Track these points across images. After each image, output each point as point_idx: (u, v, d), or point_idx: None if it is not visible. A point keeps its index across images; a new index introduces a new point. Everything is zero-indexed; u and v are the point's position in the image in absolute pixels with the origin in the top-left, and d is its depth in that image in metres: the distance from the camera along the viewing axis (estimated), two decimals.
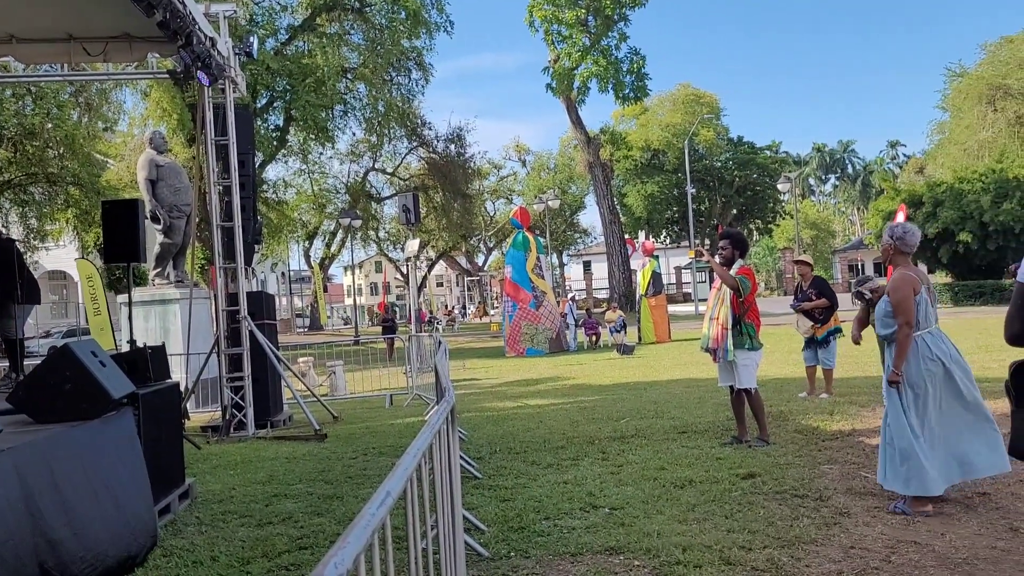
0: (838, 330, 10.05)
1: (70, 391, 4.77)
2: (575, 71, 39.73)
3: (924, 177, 41.19)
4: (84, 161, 24.11)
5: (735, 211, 57.94)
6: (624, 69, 39.35)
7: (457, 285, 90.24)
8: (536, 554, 4.50)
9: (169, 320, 12.98)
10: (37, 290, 9.62)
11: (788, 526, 4.75)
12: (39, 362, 5.69)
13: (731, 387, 7.30)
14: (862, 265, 64.13)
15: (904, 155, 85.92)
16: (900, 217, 13.30)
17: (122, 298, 12.16)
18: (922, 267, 34.46)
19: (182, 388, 8.38)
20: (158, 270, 13.57)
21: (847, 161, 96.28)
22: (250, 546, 4.94)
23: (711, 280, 7.73)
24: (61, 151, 23.75)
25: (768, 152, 58.79)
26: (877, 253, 49.65)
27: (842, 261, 65.94)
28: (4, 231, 20.35)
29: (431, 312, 47.32)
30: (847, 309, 11.36)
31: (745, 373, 7.09)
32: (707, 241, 54.97)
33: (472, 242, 61.70)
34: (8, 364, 9.82)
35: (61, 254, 30.14)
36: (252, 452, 8.52)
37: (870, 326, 6.00)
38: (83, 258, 22.01)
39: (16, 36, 8.93)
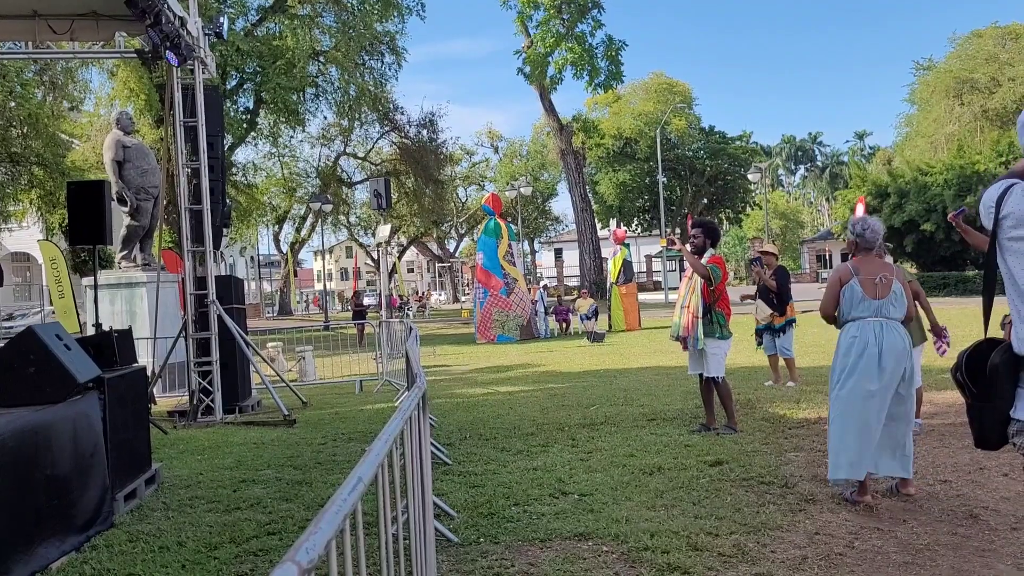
0: (792, 320, 10.21)
1: (34, 374, 4.70)
2: (549, 57, 39.67)
3: (891, 168, 41.70)
4: (48, 141, 23.63)
5: (706, 200, 58.31)
6: (599, 55, 39.36)
7: (428, 271, 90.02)
8: (505, 540, 4.52)
9: (136, 303, 12.80)
10: None
11: (755, 512, 4.81)
12: (2, 344, 5.60)
13: (700, 375, 7.36)
14: (830, 255, 64.93)
15: (870, 146, 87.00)
16: (860, 209, 13.45)
17: (87, 281, 11.99)
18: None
19: (149, 372, 8.27)
20: (124, 253, 13.37)
21: (816, 152, 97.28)
22: (217, 531, 4.91)
23: (682, 268, 7.79)
24: (25, 130, 23.25)
25: (739, 142, 59.19)
26: (844, 244, 50.16)
27: (810, 251, 66.73)
28: None
29: (402, 297, 47.16)
30: (814, 298, 11.45)
31: (714, 361, 7.16)
32: (678, 230, 55.30)
33: (444, 228, 61.55)
34: None
35: (24, 235, 29.55)
36: (220, 437, 8.45)
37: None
38: (47, 239, 21.62)
39: None
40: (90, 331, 9.59)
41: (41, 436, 4.40)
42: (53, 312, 17.68)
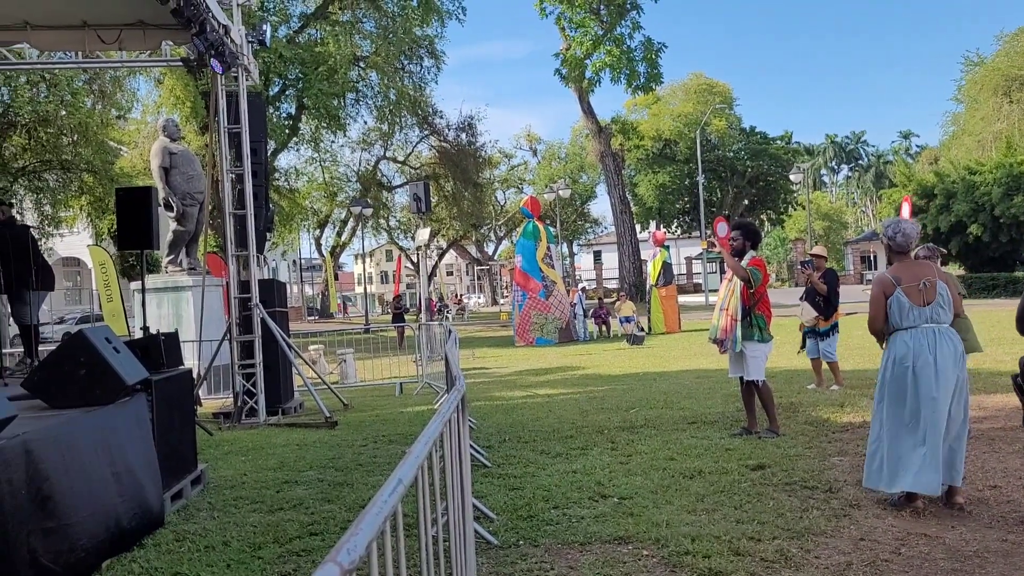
0: (836, 324, 10.00)
1: (84, 377, 4.81)
2: (587, 60, 39.55)
3: (938, 168, 40.86)
4: (98, 148, 24.22)
5: (747, 201, 57.71)
6: (638, 58, 39.13)
7: (467, 274, 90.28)
8: (545, 543, 4.52)
9: (182, 307, 13.03)
10: (51, 276, 9.70)
11: (798, 517, 4.75)
12: (54, 348, 5.74)
13: (741, 378, 7.29)
14: (874, 257, 63.80)
15: (917, 146, 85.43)
16: (905, 210, 13.15)
17: (135, 285, 12.22)
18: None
19: (194, 375, 8.42)
20: (171, 257, 13.63)
21: (860, 151, 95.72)
22: (261, 531, 4.98)
23: (722, 271, 7.73)
24: (75, 138, 23.85)
25: (780, 142, 58.48)
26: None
27: (854, 252, 65.56)
28: (19, 218, 20.44)
29: (441, 300, 47.39)
30: (857, 300, 11.28)
31: (754, 365, 7.08)
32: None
33: (482, 231, 61.70)
34: (23, 350, 9.91)
35: (75, 241, 30.30)
36: (263, 439, 8.57)
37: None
38: (96, 244, 22.13)
39: (31, 23, 8.98)
40: (138, 334, 9.79)
41: (92, 437, 4.50)
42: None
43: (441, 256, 62.66)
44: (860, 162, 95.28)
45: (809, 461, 6.13)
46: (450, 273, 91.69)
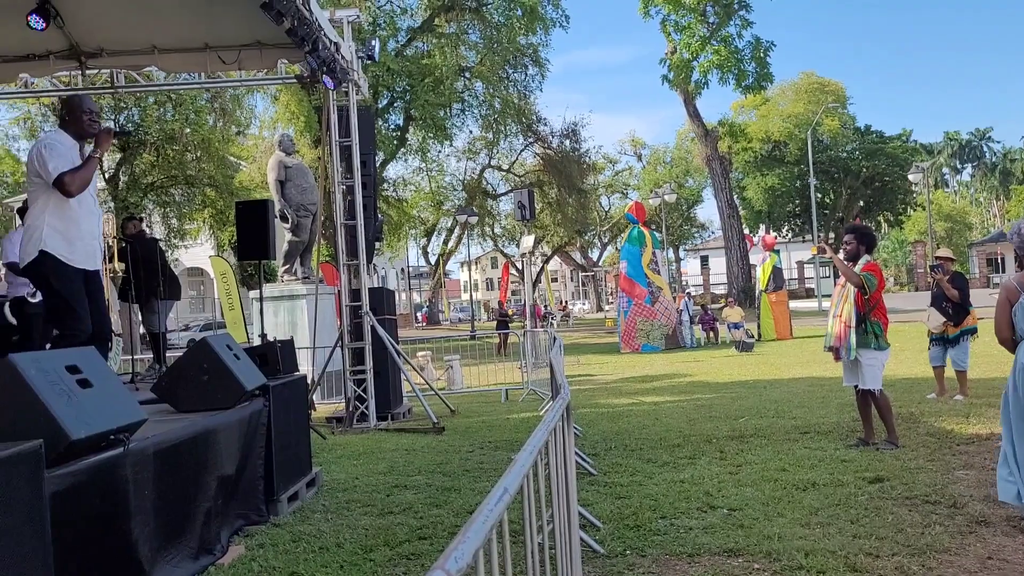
0: (973, 330, 9.47)
1: (207, 382, 5.05)
2: (693, 62, 38.97)
3: None
4: (219, 163, 25.50)
5: (862, 203, 55.60)
6: (746, 57, 38.32)
7: (572, 280, 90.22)
8: (652, 553, 4.47)
9: (297, 315, 13.48)
10: (178, 286, 10.24)
11: (919, 533, 4.54)
12: (180, 354, 6.05)
13: (856, 387, 7.03)
14: (1002, 259, 60.33)
15: None
16: None
17: (254, 293, 12.75)
18: None
19: (309, 380, 8.71)
20: (286, 267, 14.14)
21: (984, 149, 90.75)
22: (372, 534, 5.10)
23: (836, 276, 7.48)
24: (198, 154, 25.18)
25: (898, 141, 56.11)
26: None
27: (979, 255, 62.17)
28: (148, 231, 21.65)
29: (546, 307, 47.47)
30: (983, 305, 10.67)
31: (870, 373, 6.81)
32: (831, 235, 52.92)
33: (587, 237, 61.54)
34: (152, 356, 10.49)
35: (199, 252, 31.83)
36: (374, 443, 8.78)
37: None
38: (218, 255, 23.22)
39: (158, 47, 9.53)
40: (256, 341, 10.20)
41: (213, 440, 4.73)
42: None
43: (546, 262, 62.84)
44: (984, 160, 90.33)
45: (931, 474, 5.85)
46: (555, 279, 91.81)
